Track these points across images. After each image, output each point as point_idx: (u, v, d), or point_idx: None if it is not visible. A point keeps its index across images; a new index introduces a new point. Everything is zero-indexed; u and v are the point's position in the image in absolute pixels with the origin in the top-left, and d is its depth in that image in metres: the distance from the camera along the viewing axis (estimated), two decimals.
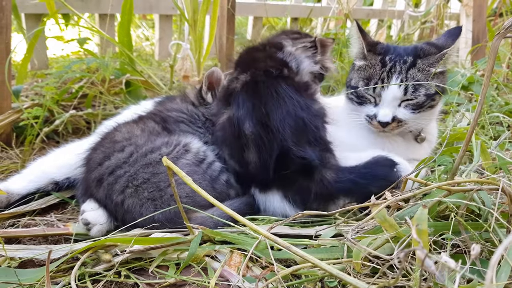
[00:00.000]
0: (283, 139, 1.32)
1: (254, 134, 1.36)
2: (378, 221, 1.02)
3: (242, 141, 1.38)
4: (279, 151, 1.33)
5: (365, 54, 1.57)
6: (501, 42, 1.09)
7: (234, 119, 1.40)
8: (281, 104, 1.35)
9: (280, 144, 1.32)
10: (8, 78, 1.93)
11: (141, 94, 2.54)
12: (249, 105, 1.38)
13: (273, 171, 1.35)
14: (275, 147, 1.33)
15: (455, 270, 0.68)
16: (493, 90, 2.57)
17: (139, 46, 4.34)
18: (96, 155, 1.38)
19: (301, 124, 1.34)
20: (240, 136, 1.38)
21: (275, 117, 1.34)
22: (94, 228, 1.29)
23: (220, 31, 2.79)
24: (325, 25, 3.80)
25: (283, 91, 1.37)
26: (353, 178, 1.35)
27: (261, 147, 1.35)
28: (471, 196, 1.05)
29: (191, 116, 1.61)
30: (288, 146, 1.32)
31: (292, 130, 1.33)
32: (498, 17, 3.84)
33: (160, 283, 1.09)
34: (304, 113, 1.35)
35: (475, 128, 1.15)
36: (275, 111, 1.34)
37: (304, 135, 1.34)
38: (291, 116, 1.34)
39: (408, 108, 1.50)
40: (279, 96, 1.36)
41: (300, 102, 1.36)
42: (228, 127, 1.42)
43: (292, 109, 1.34)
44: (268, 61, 1.49)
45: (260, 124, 1.35)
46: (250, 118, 1.37)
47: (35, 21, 2.66)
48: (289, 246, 0.92)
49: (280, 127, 1.33)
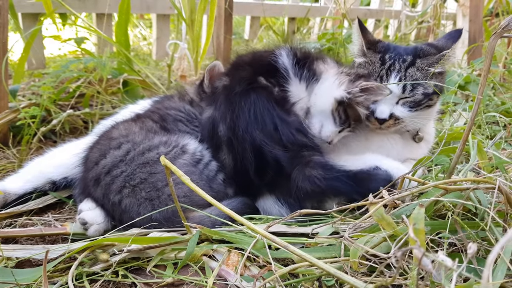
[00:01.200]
0: (252, 140, 1.34)
1: (225, 136, 1.39)
2: (376, 219, 1.02)
3: (217, 142, 1.43)
4: (253, 152, 1.34)
5: (365, 51, 1.59)
6: (498, 42, 1.09)
7: (211, 119, 1.45)
8: (248, 113, 1.36)
9: (251, 144, 1.34)
10: (5, 77, 1.93)
11: (138, 93, 2.54)
12: (223, 109, 1.41)
13: (254, 173, 1.36)
14: (247, 147, 1.35)
15: (452, 269, 0.68)
16: (490, 90, 2.58)
17: (136, 46, 4.34)
18: (93, 154, 1.38)
19: (270, 128, 1.34)
20: (214, 137, 1.43)
21: (242, 124, 1.35)
22: (91, 227, 1.29)
23: (217, 31, 2.79)
24: (322, 25, 3.80)
25: (252, 102, 1.37)
26: (340, 176, 1.33)
27: (233, 150, 1.38)
28: (467, 195, 1.05)
29: (188, 115, 1.61)
30: (259, 145, 1.33)
31: (261, 132, 1.34)
32: (495, 17, 3.86)
33: (158, 283, 1.09)
34: (275, 120, 1.35)
35: (472, 127, 1.15)
36: (242, 118, 1.36)
37: (274, 137, 1.34)
38: (258, 121, 1.35)
39: (406, 106, 1.51)
40: (246, 105, 1.37)
41: (270, 111, 1.37)
42: (207, 126, 1.47)
43: (259, 117, 1.35)
44: (248, 69, 1.48)
45: (231, 129, 1.38)
46: (224, 121, 1.40)
47: (32, 21, 2.65)
48: (287, 245, 0.92)
49: (248, 131, 1.34)
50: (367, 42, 1.59)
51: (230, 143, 1.39)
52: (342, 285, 1.03)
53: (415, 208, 0.87)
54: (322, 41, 3.03)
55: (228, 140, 1.39)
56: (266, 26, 4.21)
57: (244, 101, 1.38)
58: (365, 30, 1.61)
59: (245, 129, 1.35)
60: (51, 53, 3.51)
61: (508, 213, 1.05)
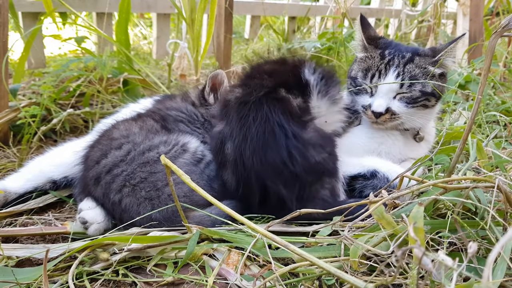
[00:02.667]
0: (257, 172, 1.28)
1: (232, 157, 1.33)
2: (376, 218, 1.02)
3: (222, 159, 1.37)
4: (257, 184, 1.28)
5: (366, 46, 1.61)
6: (498, 41, 1.09)
7: (221, 134, 1.37)
8: (257, 134, 1.28)
9: (256, 175, 1.28)
10: (5, 76, 1.93)
11: (138, 92, 2.54)
12: (234, 124, 1.33)
13: (256, 200, 1.32)
14: (251, 177, 1.29)
15: (452, 268, 0.68)
16: (490, 89, 2.58)
17: (136, 45, 4.34)
18: (94, 153, 1.38)
19: (281, 155, 1.26)
20: (221, 153, 1.37)
21: (249, 148, 1.28)
22: (91, 227, 1.29)
23: (217, 30, 2.79)
24: (323, 24, 3.80)
25: (265, 116, 1.29)
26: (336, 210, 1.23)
27: (237, 174, 1.32)
28: (467, 194, 1.05)
29: (190, 116, 1.61)
30: (264, 180, 1.28)
31: (268, 165, 1.27)
32: (495, 16, 3.85)
33: (158, 282, 1.09)
34: (289, 142, 1.26)
35: (472, 126, 1.15)
36: (250, 141, 1.28)
37: (282, 170, 1.26)
38: (268, 145, 1.27)
39: (403, 101, 1.52)
40: (256, 122, 1.29)
41: (284, 127, 1.28)
42: (215, 139, 1.40)
43: (271, 139, 1.27)
44: (267, 78, 1.40)
45: (238, 151, 1.30)
46: (232, 139, 1.33)
47: (32, 20, 2.65)
48: (287, 245, 0.92)
49: (255, 160, 1.27)
50: (367, 37, 1.62)
51: (235, 165, 1.32)
52: (342, 284, 1.03)
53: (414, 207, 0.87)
54: (322, 40, 3.03)
55: (233, 162, 1.32)
56: (267, 25, 4.21)
57: (255, 115, 1.29)
58: (366, 26, 1.65)
59: (252, 156, 1.27)
60: (51, 52, 3.51)
61: (508, 212, 1.05)
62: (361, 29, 1.63)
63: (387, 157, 1.58)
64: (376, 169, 1.46)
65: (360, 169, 1.48)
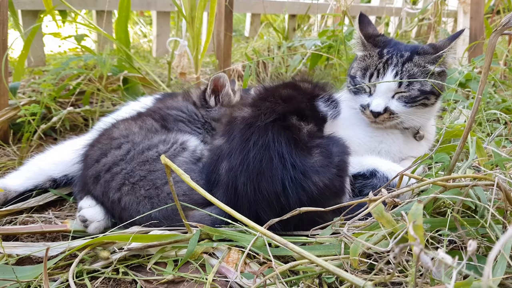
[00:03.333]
0: (249, 201, 1.24)
1: (225, 178, 1.28)
2: (375, 217, 1.02)
3: (216, 178, 1.32)
4: (248, 212, 1.23)
5: (365, 44, 1.60)
6: (498, 39, 1.09)
7: (218, 150, 1.34)
8: (254, 161, 1.24)
9: (247, 203, 1.24)
10: (5, 75, 1.93)
11: (138, 91, 2.54)
12: (234, 144, 1.29)
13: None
14: (244, 204, 1.24)
15: (451, 266, 0.68)
16: (490, 87, 2.58)
17: (136, 43, 4.33)
18: (93, 152, 1.38)
19: (275, 188, 1.22)
20: (215, 171, 1.32)
21: (243, 175, 1.24)
22: (91, 225, 1.29)
23: (218, 28, 2.78)
24: (323, 22, 3.80)
25: (266, 144, 1.25)
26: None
27: (229, 197, 1.27)
28: (466, 192, 1.05)
29: (190, 116, 1.60)
30: (256, 210, 1.24)
31: (261, 196, 1.23)
32: (496, 14, 3.85)
33: (158, 280, 1.09)
34: (287, 174, 1.22)
35: (472, 125, 1.15)
36: (246, 168, 1.24)
37: (274, 204, 1.23)
38: (264, 176, 1.22)
39: (401, 100, 1.52)
40: (256, 148, 1.25)
41: (285, 160, 1.23)
42: (212, 153, 1.38)
43: (267, 170, 1.22)
44: (279, 102, 1.37)
45: (232, 175, 1.26)
46: (228, 160, 1.28)
47: (32, 18, 2.65)
48: (286, 243, 0.92)
49: (249, 189, 1.23)
50: (366, 35, 1.62)
51: (227, 188, 1.28)
52: (342, 282, 1.03)
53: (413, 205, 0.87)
54: (322, 39, 3.02)
55: (226, 185, 1.28)
56: (267, 23, 4.21)
57: (256, 140, 1.25)
58: (365, 24, 1.65)
59: (246, 183, 1.23)
60: (51, 51, 3.51)
61: (508, 210, 1.05)
62: (359, 27, 1.63)
63: (387, 155, 1.58)
64: (375, 169, 1.46)
65: (359, 168, 1.48)
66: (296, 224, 1.26)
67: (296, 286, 1.02)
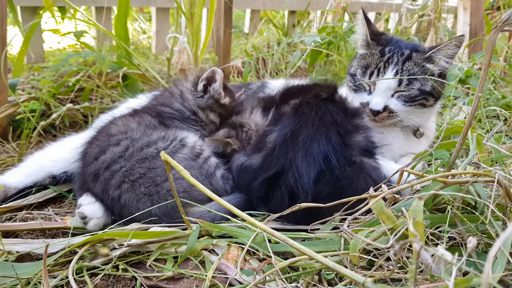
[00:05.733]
0: (291, 160, 1.27)
1: (272, 144, 1.33)
2: (376, 213, 1.02)
3: (260, 144, 1.37)
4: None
5: (369, 42, 1.60)
6: (499, 35, 1.09)
7: (267, 131, 1.39)
8: (315, 123, 1.30)
9: (288, 165, 1.28)
10: (4, 71, 1.92)
11: (138, 87, 2.53)
12: (286, 123, 1.35)
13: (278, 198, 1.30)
14: (285, 165, 1.28)
15: (451, 263, 0.68)
16: (490, 84, 2.57)
17: (136, 39, 4.32)
18: (92, 149, 1.37)
19: (320, 156, 1.26)
20: (262, 140, 1.37)
21: (300, 140, 1.28)
22: (90, 222, 1.29)
23: (217, 24, 2.78)
24: (323, 19, 3.78)
25: (327, 110, 1.33)
26: None
27: (267, 159, 1.32)
28: (466, 188, 1.05)
29: (180, 113, 1.58)
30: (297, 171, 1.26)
31: (309, 158, 1.26)
32: (496, 10, 3.83)
33: (158, 276, 1.09)
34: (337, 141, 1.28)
35: (472, 121, 1.15)
36: (305, 129, 1.29)
37: (319, 169, 1.26)
38: (317, 143, 1.27)
39: (401, 99, 1.52)
40: (320, 116, 1.32)
41: (338, 125, 1.31)
42: (260, 135, 1.43)
43: (323, 132, 1.28)
44: (317, 87, 1.46)
45: (282, 139, 1.31)
46: (278, 131, 1.34)
47: (31, 14, 2.64)
48: (286, 239, 0.92)
49: (299, 153, 1.26)
50: (371, 33, 1.61)
51: (271, 151, 1.32)
52: (341, 278, 1.03)
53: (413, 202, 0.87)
54: (322, 35, 3.01)
55: (271, 149, 1.32)
56: (266, 19, 4.19)
57: (316, 113, 1.32)
58: (369, 21, 1.63)
59: (295, 149, 1.28)
60: (50, 47, 3.50)
61: (508, 206, 1.05)
62: (366, 24, 1.61)
63: (387, 152, 1.58)
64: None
65: None
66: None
67: (296, 282, 1.02)
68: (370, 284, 0.77)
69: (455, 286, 0.81)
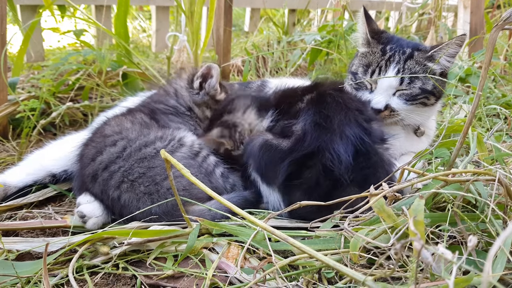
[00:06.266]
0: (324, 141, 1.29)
1: (300, 132, 1.34)
2: (376, 211, 1.02)
3: (286, 131, 1.37)
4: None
5: (369, 40, 1.59)
6: (499, 34, 1.08)
7: (290, 123, 1.39)
8: (343, 109, 1.34)
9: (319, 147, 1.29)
10: (4, 70, 1.92)
11: (138, 86, 2.53)
12: (311, 112, 1.36)
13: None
14: (318, 147, 1.30)
15: (451, 261, 0.68)
16: (491, 82, 2.57)
17: (136, 38, 4.32)
18: (88, 151, 1.37)
19: (355, 135, 1.30)
20: (288, 130, 1.37)
21: (335, 120, 1.32)
22: (89, 220, 1.29)
23: (217, 23, 2.77)
24: (323, 17, 3.78)
25: (349, 99, 1.38)
26: None
27: (297, 142, 1.33)
28: (467, 187, 1.05)
29: (175, 109, 1.59)
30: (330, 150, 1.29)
31: (343, 138, 1.29)
32: (496, 8, 3.83)
33: (158, 275, 1.09)
34: (365, 125, 1.34)
35: (472, 120, 1.15)
36: (336, 115, 1.33)
37: (355, 148, 1.29)
38: (348, 125, 1.31)
39: (402, 98, 1.52)
40: (346, 104, 1.36)
41: (361, 113, 1.36)
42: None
43: (352, 117, 1.33)
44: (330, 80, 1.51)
45: (312, 124, 1.33)
46: (305, 119, 1.35)
47: (30, 13, 2.63)
48: (286, 238, 0.92)
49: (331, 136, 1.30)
50: (371, 31, 1.60)
51: (301, 138, 1.32)
52: (341, 277, 1.03)
53: (415, 200, 0.87)
54: (322, 33, 3.01)
55: (301, 135, 1.33)
56: (266, 18, 4.19)
57: (337, 100, 1.36)
58: (370, 19, 1.63)
59: (326, 131, 1.31)
60: (50, 46, 3.49)
61: (508, 205, 1.04)
62: (366, 22, 1.60)
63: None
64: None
65: None
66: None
67: (296, 281, 1.02)
68: (371, 283, 0.77)
69: (455, 285, 0.81)
